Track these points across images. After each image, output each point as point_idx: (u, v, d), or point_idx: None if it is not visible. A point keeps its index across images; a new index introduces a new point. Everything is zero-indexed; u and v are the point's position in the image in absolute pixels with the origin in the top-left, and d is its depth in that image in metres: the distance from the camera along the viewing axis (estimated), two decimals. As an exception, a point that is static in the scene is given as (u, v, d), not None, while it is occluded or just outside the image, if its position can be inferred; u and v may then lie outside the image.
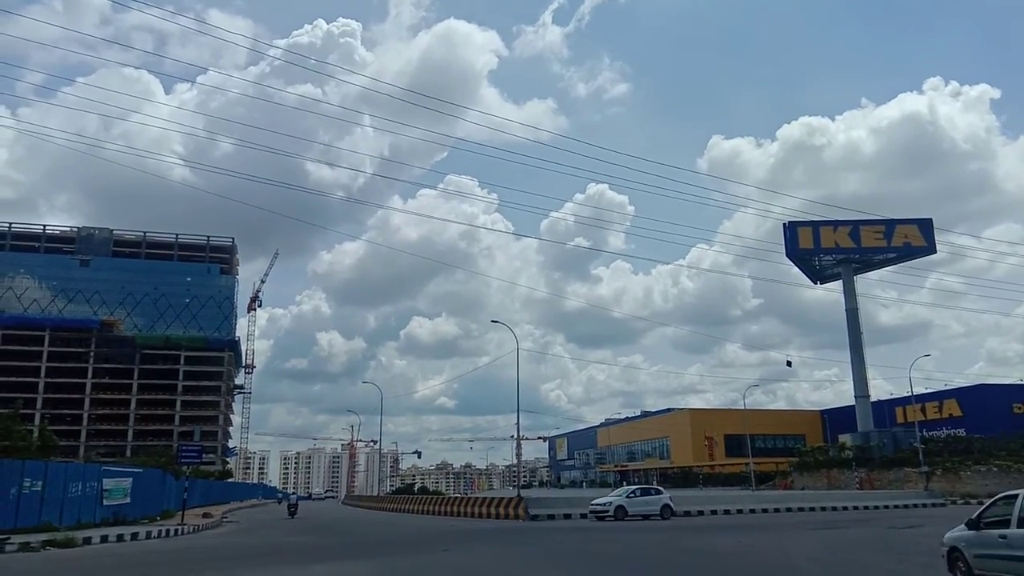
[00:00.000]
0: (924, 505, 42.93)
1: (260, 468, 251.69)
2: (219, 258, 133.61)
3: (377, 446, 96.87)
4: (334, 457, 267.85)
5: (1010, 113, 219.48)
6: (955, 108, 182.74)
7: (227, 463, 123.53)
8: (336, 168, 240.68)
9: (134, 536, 24.19)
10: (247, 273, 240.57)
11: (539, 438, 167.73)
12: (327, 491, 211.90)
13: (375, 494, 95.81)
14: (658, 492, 33.87)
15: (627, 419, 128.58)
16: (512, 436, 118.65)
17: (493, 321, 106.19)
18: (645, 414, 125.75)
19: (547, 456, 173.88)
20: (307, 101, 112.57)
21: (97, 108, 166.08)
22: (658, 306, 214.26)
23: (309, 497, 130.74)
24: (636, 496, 32.63)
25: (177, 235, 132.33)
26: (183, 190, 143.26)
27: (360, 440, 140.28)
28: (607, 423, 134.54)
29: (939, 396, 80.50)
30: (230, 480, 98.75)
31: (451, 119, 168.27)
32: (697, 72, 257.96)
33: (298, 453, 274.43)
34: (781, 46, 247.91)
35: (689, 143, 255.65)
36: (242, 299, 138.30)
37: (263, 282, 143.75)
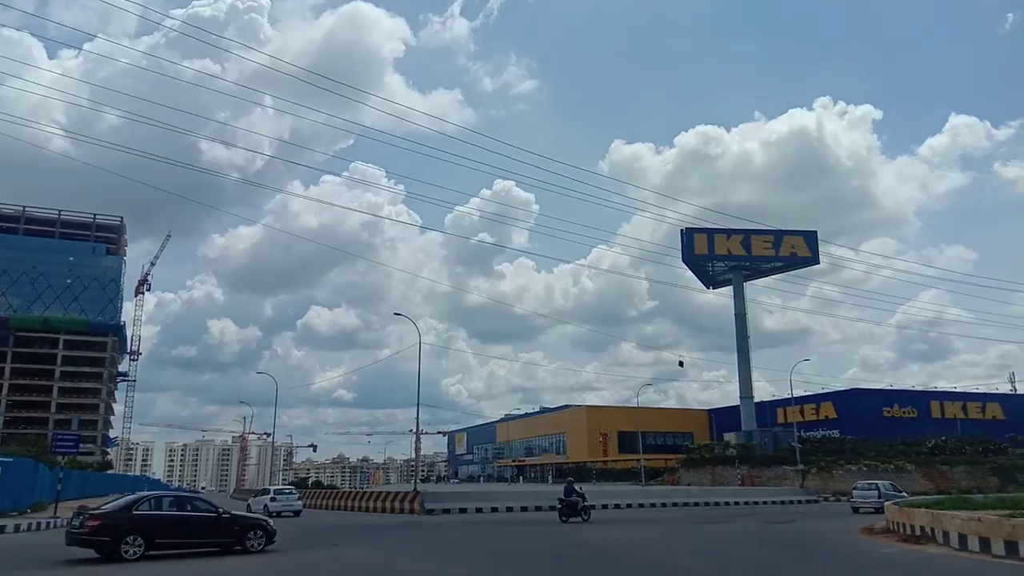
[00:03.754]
0: (799, 501, 45.57)
1: (143, 460, 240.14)
2: (105, 237, 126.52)
3: (270, 439, 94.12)
4: (224, 450, 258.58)
5: (890, 134, 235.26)
6: (840, 126, 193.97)
7: (107, 454, 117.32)
8: (232, 148, 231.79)
9: (1, 529, 22.80)
10: (135, 254, 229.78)
11: (439, 432, 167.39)
12: (215, 487, 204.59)
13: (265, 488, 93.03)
14: (264, 492, 38.36)
15: (526, 415, 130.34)
16: (411, 430, 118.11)
17: (396, 314, 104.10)
18: (544, 410, 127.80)
19: (446, 451, 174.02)
20: (204, 76, 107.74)
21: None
22: (559, 304, 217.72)
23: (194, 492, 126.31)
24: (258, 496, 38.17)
25: (60, 211, 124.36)
26: (66, 163, 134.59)
27: (252, 432, 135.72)
28: (506, 419, 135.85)
29: (816, 399, 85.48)
30: (110, 472, 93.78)
31: (355, 104, 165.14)
32: (601, 75, 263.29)
33: (185, 445, 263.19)
34: (682, 56, 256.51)
35: (592, 145, 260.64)
36: (129, 282, 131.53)
37: (153, 265, 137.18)
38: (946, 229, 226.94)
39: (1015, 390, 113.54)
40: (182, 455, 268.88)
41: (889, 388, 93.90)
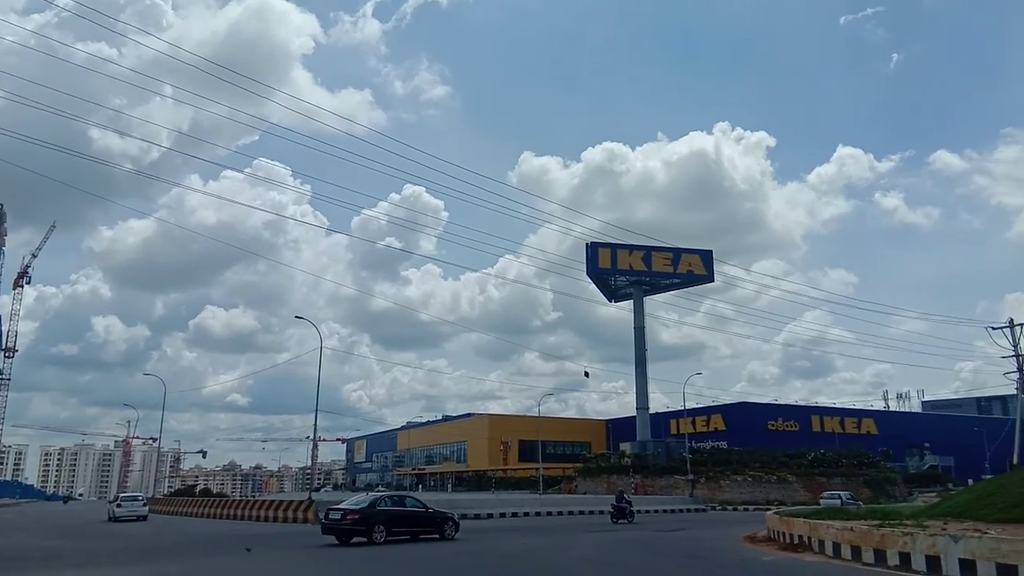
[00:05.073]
0: (689, 510, 47.14)
1: (15, 464, 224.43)
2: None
3: (156, 444, 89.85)
4: (105, 455, 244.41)
5: (782, 161, 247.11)
6: (737, 151, 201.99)
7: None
8: (126, 137, 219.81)
9: None
10: (15, 244, 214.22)
11: (337, 440, 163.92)
12: (95, 495, 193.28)
13: (150, 495, 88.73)
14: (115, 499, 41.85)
15: (428, 423, 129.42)
16: (308, 437, 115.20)
17: (297, 317, 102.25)
18: (446, 418, 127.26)
19: (344, 458, 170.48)
20: (98, 60, 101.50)
21: None
22: (464, 312, 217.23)
23: (71, 498, 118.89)
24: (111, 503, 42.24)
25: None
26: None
27: (137, 437, 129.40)
28: (408, 426, 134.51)
29: (707, 411, 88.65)
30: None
31: (260, 99, 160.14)
32: (512, 87, 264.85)
33: (62, 449, 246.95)
34: (591, 74, 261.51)
35: (502, 155, 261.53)
36: (7, 273, 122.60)
37: (34, 256, 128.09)
38: (830, 253, 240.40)
39: (888, 407, 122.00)
40: (59, 459, 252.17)
41: (774, 403, 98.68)
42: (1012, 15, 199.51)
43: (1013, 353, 58.77)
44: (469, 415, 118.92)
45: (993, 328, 60.46)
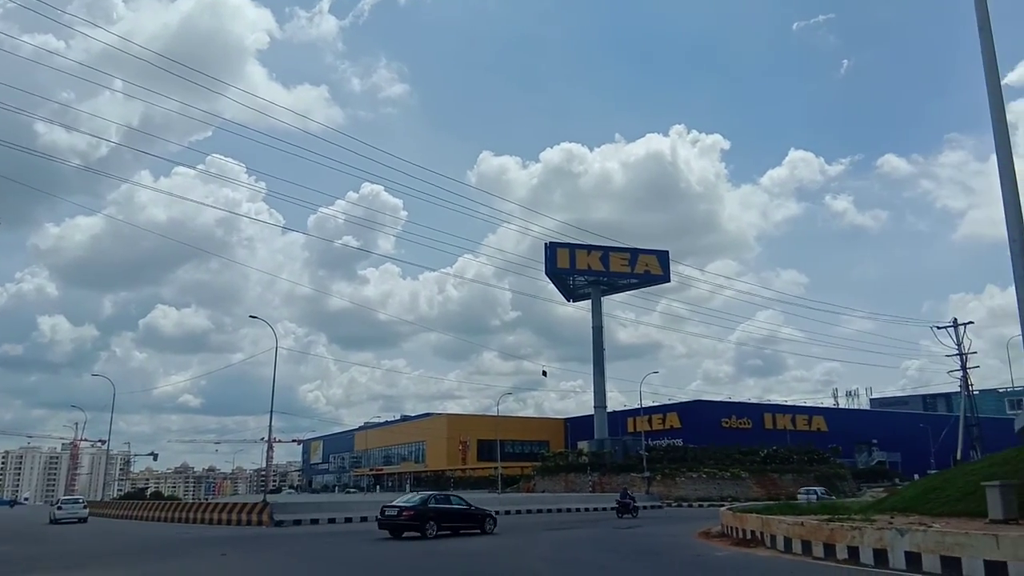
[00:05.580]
0: (645, 507, 47.56)
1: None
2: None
3: (105, 446, 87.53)
4: (52, 457, 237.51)
5: (736, 164, 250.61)
6: (692, 153, 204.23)
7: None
8: (74, 132, 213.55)
9: None
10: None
11: (293, 441, 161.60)
12: (41, 499, 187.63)
13: (99, 499, 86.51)
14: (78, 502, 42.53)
15: (386, 423, 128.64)
16: (263, 438, 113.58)
17: (251, 316, 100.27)
18: (404, 418, 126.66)
19: (300, 460, 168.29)
20: (44, 53, 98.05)
21: None
22: (423, 311, 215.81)
23: (16, 502, 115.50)
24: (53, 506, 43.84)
25: None
26: None
27: (85, 439, 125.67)
28: (365, 427, 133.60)
29: (663, 409, 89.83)
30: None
31: (213, 95, 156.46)
32: (471, 86, 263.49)
33: (7, 452, 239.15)
34: (550, 75, 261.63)
35: (460, 154, 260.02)
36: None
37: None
38: (782, 254, 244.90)
39: (838, 405, 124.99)
40: (3, 462, 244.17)
41: (728, 401, 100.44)
42: (958, 24, 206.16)
43: (957, 352, 60.86)
44: (427, 415, 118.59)
45: (938, 327, 62.59)
